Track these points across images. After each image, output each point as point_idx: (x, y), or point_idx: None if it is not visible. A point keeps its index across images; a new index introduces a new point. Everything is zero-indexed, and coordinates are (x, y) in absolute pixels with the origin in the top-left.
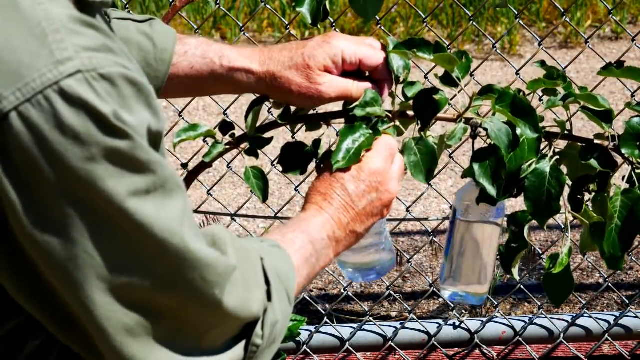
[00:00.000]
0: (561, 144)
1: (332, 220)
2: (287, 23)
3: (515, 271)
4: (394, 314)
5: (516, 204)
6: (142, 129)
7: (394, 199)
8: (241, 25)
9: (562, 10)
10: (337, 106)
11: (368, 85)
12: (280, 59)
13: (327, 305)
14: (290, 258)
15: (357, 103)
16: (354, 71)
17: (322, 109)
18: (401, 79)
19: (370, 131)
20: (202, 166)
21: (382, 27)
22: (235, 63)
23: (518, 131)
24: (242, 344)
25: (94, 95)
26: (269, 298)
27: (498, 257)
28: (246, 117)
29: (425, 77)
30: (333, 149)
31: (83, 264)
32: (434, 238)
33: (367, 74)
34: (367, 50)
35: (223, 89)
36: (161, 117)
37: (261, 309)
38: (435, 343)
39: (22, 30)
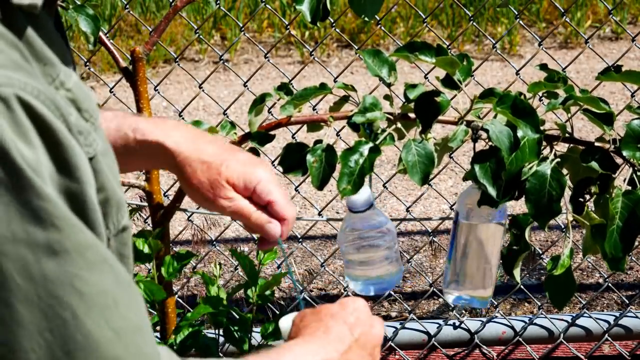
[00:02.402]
0: (563, 147)
1: None
2: (287, 23)
3: (517, 273)
4: (394, 314)
5: (516, 204)
6: (43, 172)
7: (380, 337)
8: (241, 25)
9: (562, 10)
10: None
11: (269, 219)
12: (201, 148)
13: None
14: None
15: (356, 110)
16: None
17: (321, 110)
18: (391, 83)
19: (371, 144)
20: None
21: (382, 27)
22: (149, 136)
23: (519, 134)
24: None
25: None
26: None
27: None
28: (249, 115)
29: (426, 77)
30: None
31: None
32: (434, 238)
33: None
34: (281, 197)
35: (141, 164)
36: (83, 179)
37: None
38: (435, 343)
39: None
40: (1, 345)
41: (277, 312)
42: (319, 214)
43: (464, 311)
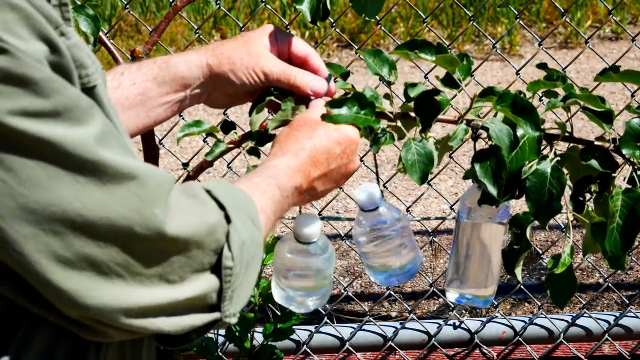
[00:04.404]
0: (563, 146)
1: (304, 173)
2: (287, 23)
3: (518, 273)
4: (394, 314)
5: (516, 204)
6: (35, 55)
7: (354, 172)
8: (241, 25)
9: (562, 10)
10: None
11: (314, 76)
12: (224, 43)
13: (327, 305)
14: (243, 191)
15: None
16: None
17: None
18: (392, 82)
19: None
20: (204, 165)
21: (382, 27)
22: (173, 58)
23: (519, 132)
24: (212, 272)
25: None
26: (228, 221)
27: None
28: (250, 114)
29: (426, 77)
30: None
31: None
32: (434, 238)
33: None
34: (314, 52)
35: (174, 93)
36: (64, 54)
37: (219, 228)
38: (435, 343)
39: None
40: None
41: (278, 313)
42: (319, 214)
43: (464, 311)
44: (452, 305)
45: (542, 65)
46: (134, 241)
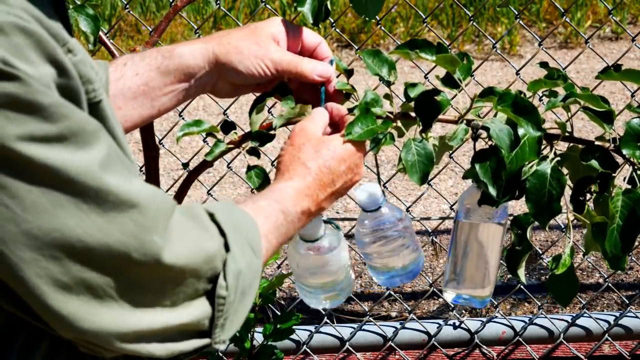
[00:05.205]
0: (563, 146)
1: (311, 197)
2: None
3: (521, 273)
4: (394, 314)
5: (516, 204)
6: (43, 79)
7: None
8: (241, 25)
9: (562, 10)
10: None
11: (318, 62)
12: (230, 33)
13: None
14: (249, 214)
15: (357, 103)
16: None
17: None
18: (392, 82)
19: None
20: (204, 165)
21: (382, 27)
22: (177, 47)
23: (520, 132)
24: (207, 298)
25: None
26: (227, 249)
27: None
28: (250, 114)
29: (426, 77)
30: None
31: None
32: (434, 238)
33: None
34: (308, 31)
35: (178, 82)
36: (72, 74)
37: (217, 257)
38: (435, 343)
39: None
40: (56, 230)
41: (278, 313)
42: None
43: (464, 311)
44: (452, 306)
45: (543, 65)
46: (130, 267)
